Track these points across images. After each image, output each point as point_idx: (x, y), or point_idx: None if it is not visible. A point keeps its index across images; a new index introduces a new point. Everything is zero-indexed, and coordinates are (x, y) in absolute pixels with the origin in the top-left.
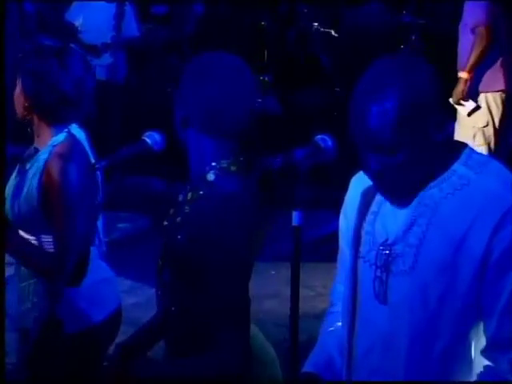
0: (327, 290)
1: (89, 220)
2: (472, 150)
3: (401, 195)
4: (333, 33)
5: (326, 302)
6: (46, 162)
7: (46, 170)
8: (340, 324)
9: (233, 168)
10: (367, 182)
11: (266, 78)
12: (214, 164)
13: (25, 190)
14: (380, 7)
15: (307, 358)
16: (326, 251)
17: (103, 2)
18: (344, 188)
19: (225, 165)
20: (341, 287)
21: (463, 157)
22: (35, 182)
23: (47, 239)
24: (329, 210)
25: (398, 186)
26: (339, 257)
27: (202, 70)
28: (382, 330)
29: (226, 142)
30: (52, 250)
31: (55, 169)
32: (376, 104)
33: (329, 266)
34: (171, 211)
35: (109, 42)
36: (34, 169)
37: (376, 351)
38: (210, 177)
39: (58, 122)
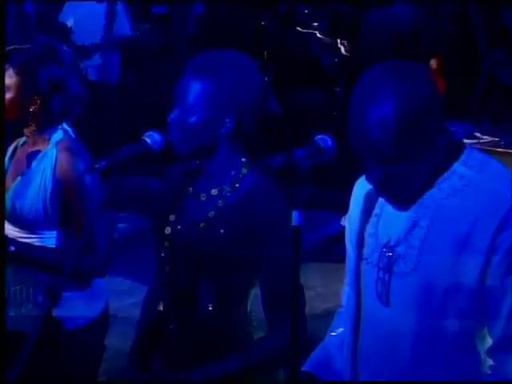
0: (327, 290)
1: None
2: (471, 148)
3: (403, 199)
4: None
5: (326, 301)
6: (57, 157)
7: (59, 165)
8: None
9: (252, 163)
10: (370, 185)
11: (266, 78)
12: (243, 160)
13: (34, 187)
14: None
15: (308, 357)
16: (326, 251)
17: (94, 3)
18: (344, 188)
19: (248, 160)
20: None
21: (463, 156)
22: (48, 178)
23: (50, 235)
24: (328, 211)
25: (401, 192)
26: (347, 258)
27: (241, 68)
28: (386, 331)
29: (246, 139)
30: (53, 246)
31: (67, 163)
32: (376, 116)
33: (329, 266)
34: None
35: (99, 42)
36: (42, 166)
37: (380, 352)
38: (244, 171)
39: (59, 122)
